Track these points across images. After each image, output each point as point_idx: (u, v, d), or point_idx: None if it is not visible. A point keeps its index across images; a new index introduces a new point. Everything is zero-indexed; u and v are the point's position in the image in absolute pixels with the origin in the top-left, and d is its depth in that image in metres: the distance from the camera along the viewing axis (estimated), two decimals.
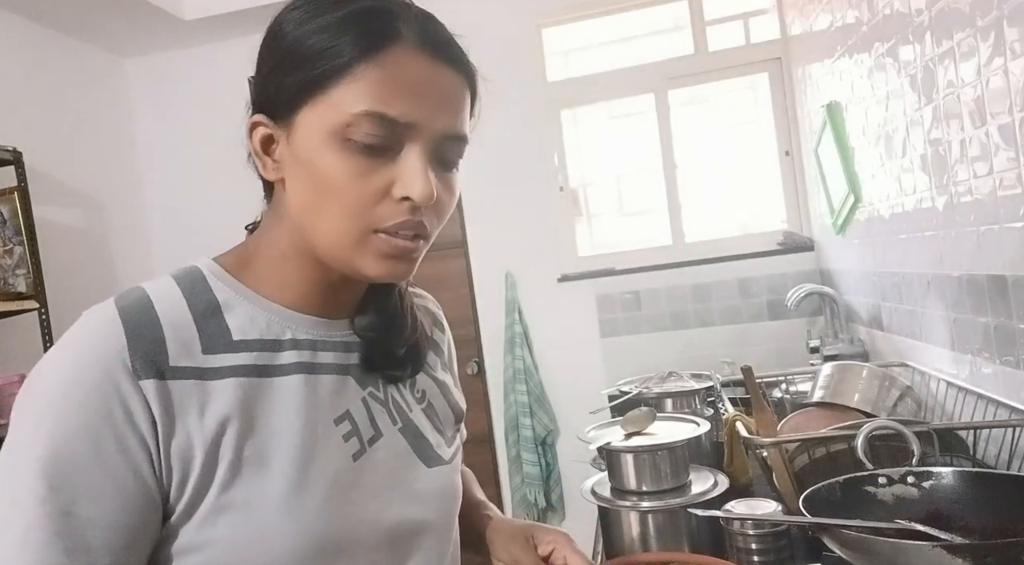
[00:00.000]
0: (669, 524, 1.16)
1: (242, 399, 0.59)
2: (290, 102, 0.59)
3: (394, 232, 0.60)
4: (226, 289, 0.63)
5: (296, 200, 0.61)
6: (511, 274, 2.78)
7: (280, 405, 0.61)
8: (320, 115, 0.58)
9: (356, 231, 0.60)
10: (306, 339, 0.65)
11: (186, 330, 0.59)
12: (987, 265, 1.22)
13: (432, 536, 0.70)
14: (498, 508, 0.89)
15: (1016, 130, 1.07)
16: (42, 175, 2.38)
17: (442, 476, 0.73)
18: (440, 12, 0.66)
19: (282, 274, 0.65)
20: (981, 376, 1.29)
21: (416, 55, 0.59)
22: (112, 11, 2.55)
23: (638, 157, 2.79)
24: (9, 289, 2.13)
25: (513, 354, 2.73)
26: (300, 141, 0.60)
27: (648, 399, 1.68)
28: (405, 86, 0.58)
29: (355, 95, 0.57)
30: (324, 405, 0.64)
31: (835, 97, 1.99)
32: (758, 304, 2.63)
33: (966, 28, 1.17)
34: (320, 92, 0.58)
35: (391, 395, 0.71)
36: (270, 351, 0.63)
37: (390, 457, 0.68)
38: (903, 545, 0.79)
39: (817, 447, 1.15)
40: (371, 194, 0.59)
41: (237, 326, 0.62)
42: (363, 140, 0.58)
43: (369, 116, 0.57)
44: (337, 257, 0.62)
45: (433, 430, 0.74)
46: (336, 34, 0.58)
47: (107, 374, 0.55)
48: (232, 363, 0.60)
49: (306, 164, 0.59)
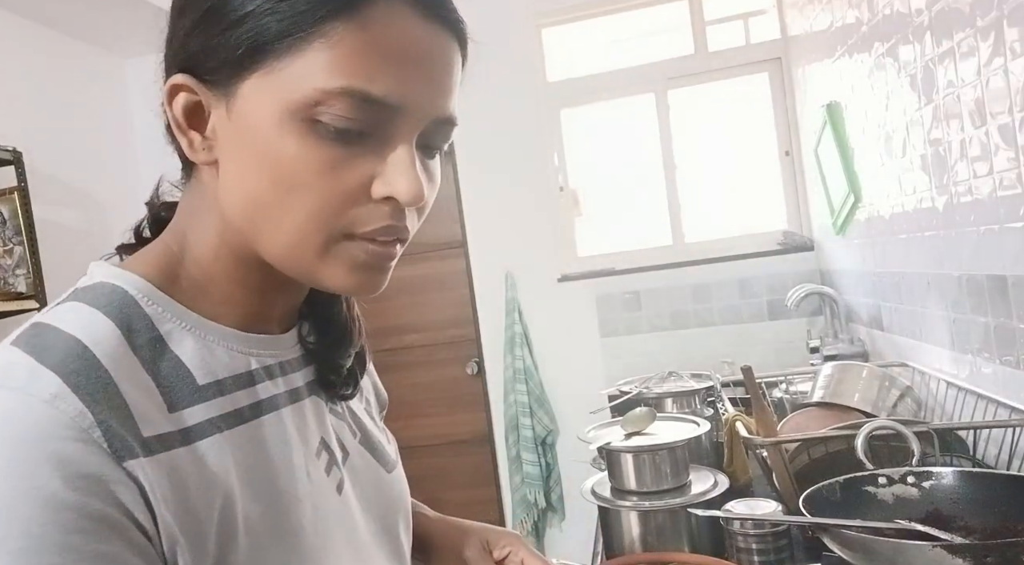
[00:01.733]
0: (669, 524, 1.16)
1: (233, 456, 0.48)
2: (231, 65, 0.46)
3: (371, 238, 0.48)
4: (166, 316, 0.49)
5: (237, 193, 0.48)
6: (511, 274, 2.78)
7: (272, 451, 0.51)
8: (277, 87, 0.45)
9: (323, 237, 0.47)
10: (274, 364, 0.55)
11: (145, 387, 0.45)
12: (987, 265, 1.22)
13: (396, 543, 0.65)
14: (498, 508, 0.87)
15: (1016, 130, 1.07)
16: (42, 175, 2.38)
17: (400, 478, 0.67)
18: None
19: (218, 283, 0.52)
20: (981, 376, 1.29)
21: (406, 13, 0.46)
22: (112, 11, 2.55)
23: (638, 157, 2.79)
24: (9, 289, 2.13)
25: (513, 354, 2.73)
26: (246, 117, 0.46)
27: (648, 399, 1.68)
28: (393, 55, 0.45)
29: (328, 65, 0.44)
30: (307, 439, 0.55)
31: (835, 97, 1.99)
32: (758, 304, 2.63)
33: (966, 28, 1.17)
34: (276, 57, 0.44)
35: (346, 405, 0.64)
36: (243, 388, 0.51)
37: (359, 475, 0.61)
38: (903, 545, 0.79)
39: (817, 447, 1.15)
40: (345, 192, 0.47)
41: (196, 365, 0.49)
42: (336, 124, 0.45)
43: (347, 94, 0.44)
44: (292, 266, 0.49)
45: (377, 429, 0.68)
46: None
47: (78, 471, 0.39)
48: (207, 415, 0.48)
49: (255, 148, 0.46)
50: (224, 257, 0.52)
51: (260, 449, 0.50)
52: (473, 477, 2.88)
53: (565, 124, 2.82)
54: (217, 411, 0.49)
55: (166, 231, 0.54)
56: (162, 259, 0.52)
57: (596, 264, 2.77)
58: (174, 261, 0.52)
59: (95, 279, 0.50)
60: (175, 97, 0.48)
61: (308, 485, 0.53)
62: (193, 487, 0.44)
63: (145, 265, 0.52)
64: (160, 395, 0.46)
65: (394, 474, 0.66)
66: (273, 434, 0.52)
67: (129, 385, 0.44)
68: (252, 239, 0.49)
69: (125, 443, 0.42)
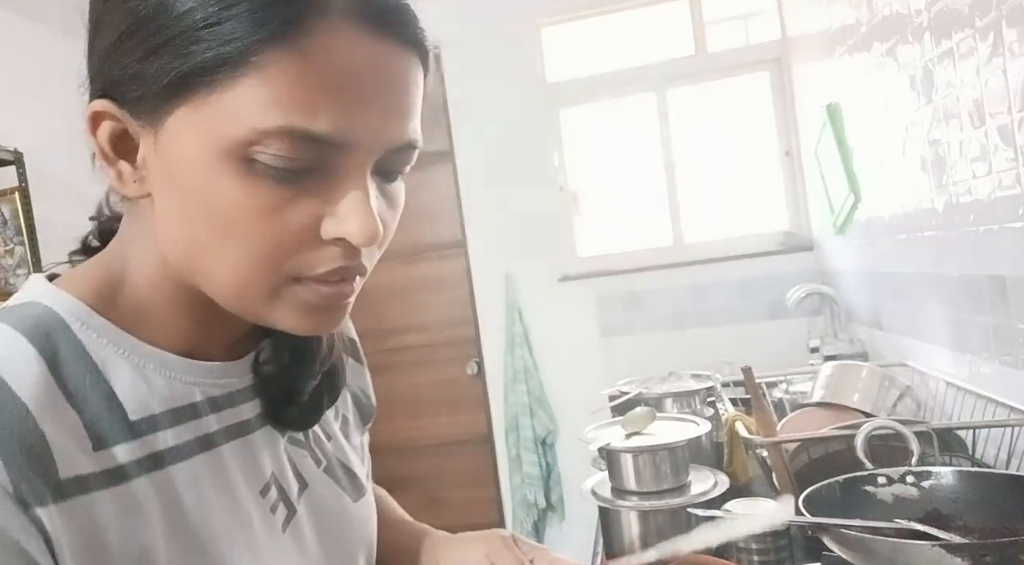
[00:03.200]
0: (669, 524, 1.16)
1: (159, 499, 0.44)
2: (156, 96, 0.41)
3: (322, 281, 0.44)
4: (102, 342, 0.45)
5: (174, 232, 0.44)
6: (511, 274, 2.78)
7: (207, 493, 0.46)
8: (207, 123, 0.40)
9: (268, 282, 0.43)
10: (220, 395, 0.50)
11: (66, 419, 0.41)
12: (986, 265, 1.22)
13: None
14: (498, 508, 0.87)
15: (1015, 130, 1.07)
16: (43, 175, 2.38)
17: (367, 505, 0.63)
18: (440, 12, 0.65)
19: (159, 310, 0.48)
20: (980, 376, 1.29)
21: (352, 34, 0.40)
22: None
23: (638, 157, 2.79)
24: (9, 289, 2.13)
25: (513, 354, 2.73)
26: (175, 152, 0.42)
27: (648, 399, 1.69)
28: (338, 84, 0.40)
29: (263, 101, 0.39)
30: (252, 476, 0.51)
31: (835, 97, 1.99)
32: (758, 304, 2.63)
33: (965, 28, 1.17)
34: (206, 90, 0.40)
35: (311, 430, 0.59)
36: (182, 423, 0.47)
37: (319, 508, 0.56)
38: (902, 545, 0.79)
39: (817, 447, 1.15)
40: (289, 235, 0.42)
41: (130, 398, 0.44)
42: (276, 164, 0.40)
43: (285, 133, 0.39)
44: (239, 308, 0.46)
45: (351, 450, 0.63)
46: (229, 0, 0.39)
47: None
48: (136, 455, 0.43)
49: (186, 187, 0.42)
50: (164, 287, 0.48)
51: (194, 491, 0.46)
52: (473, 477, 2.88)
53: (565, 124, 2.82)
54: (147, 450, 0.44)
55: (107, 250, 0.51)
56: (101, 280, 0.48)
57: (596, 264, 2.77)
58: (113, 282, 0.48)
59: (27, 297, 0.46)
60: (99, 125, 0.45)
61: (246, 527, 0.48)
62: (112, 533, 0.40)
63: (82, 285, 0.47)
64: (86, 431, 0.42)
65: (360, 502, 0.61)
66: (211, 474, 0.47)
67: (50, 422, 0.40)
68: (193, 280, 0.46)
69: (35, 488, 0.38)
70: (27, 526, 0.37)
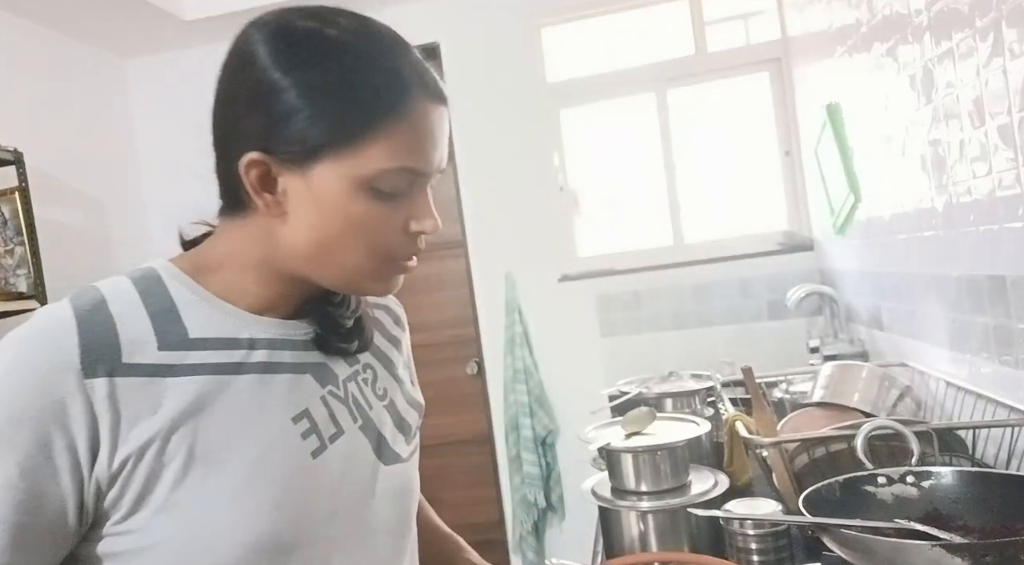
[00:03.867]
0: (669, 524, 1.16)
1: (197, 397, 0.59)
2: (315, 150, 0.60)
3: (406, 259, 0.66)
4: (182, 289, 0.64)
5: (309, 237, 0.63)
6: (511, 274, 2.78)
7: (236, 404, 0.61)
8: (347, 166, 0.60)
9: (376, 264, 0.64)
10: (264, 338, 0.66)
11: (141, 328, 0.59)
12: (986, 265, 1.22)
13: (389, 534, 0.71)
14: (498, 508, 0.90)
15: (1015, 130, 1.07)
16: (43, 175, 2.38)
17: (400, 473, 0.73)
18: (441, 12, 0.67)
19: (244, 283, 0.66)
20: (980, 376, 1.29)
21: (427, 103, 0.62)
22: (112, 11, 2.55)
23: (638, 157, 2.79)
24: (10, 289, 2.13)
25: (513, 354, 2.73)
26: (323, 186, 0.61)
27: (648, 399, 1.69)
28: (423, 137, 0.62)
29: (388, 151, 0.60)
30: (281, 403, 0.64)
31: (835, 97, 1.99)
32: (758, 304, 2.63)
33: (965, 29, 1.17)
34: (352, 145, 0.60)
35: (351, 393, 0.71)
36: (227, 349, 0.63)
37: (350, 454, 0.68)
38: (903, 545, 0.79)
39: (817, 447, 1.15)
40: (394, 233, 0.64)
41: (193, 325, 0.62)
42: (388, 189, 0.62)
43: (399, 171, 0.61)
44: (344, 284, 0.66)
45: (393, 427, 0.75)
46: (367, 90, 0.60)
47: (50, 371, 0.55)
48: (189, 361, 0.60)
49: (330, 207, 0.61)
50: (261, 269, 0.65)
51: (223, 398, 0.61)
52: (473, 477, 2.88)
53: (565, 124, 2.82)
54: (196, 360, 0.61)
55: (202, 247, 0.69)
56: (194, 258, 0.67)
57: (596, 264, 2.77)
58: (206, 261, 0.66)
59: (144, 264, 0.66)
60: (251, 169, 0.61)
61: (275, 438, 0.62)
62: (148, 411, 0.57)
63: (179, 260, 0.67)
64: (155, 336, 0.60)
65: (392, 468, 0.72)
66: (246, 389, 0.62)
67: (128, 325, 0.59)
68: (309, 267, 0.64)
69: (96, 365, 0.56)
70: (80, 391, 0.55)
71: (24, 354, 0.56)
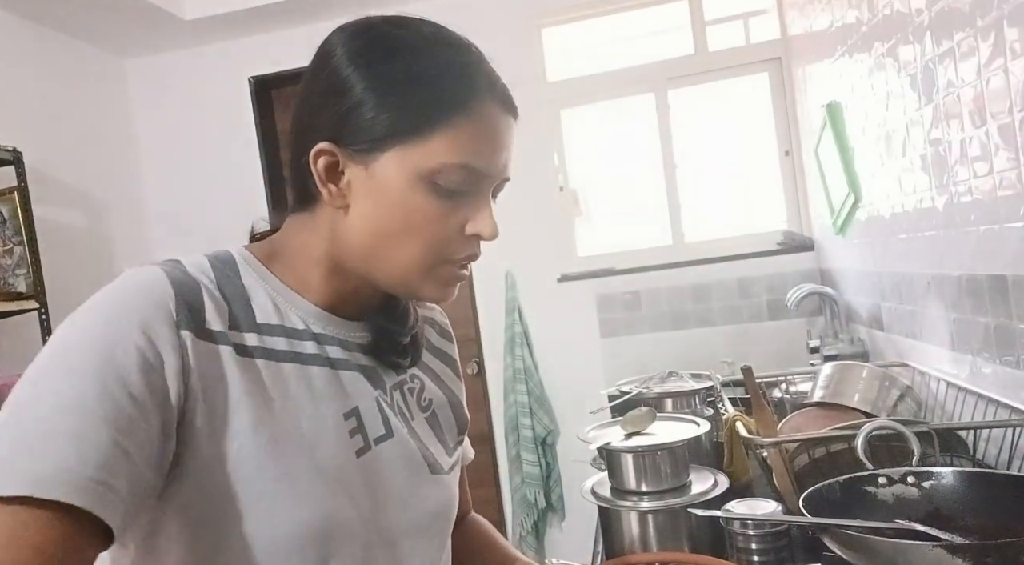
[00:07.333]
0: (669, 524, 1.16)
1: (258, 380, 0.61)
2: (380, 141, 0.61)
3: (460, 263, 0.67)
4: (254, 275, 0.66)
5: (366, 228, 0.64)
6: (511, 274, 2.77)
7: (293, 391, 0.63)
8: (412, 158, 0.61)
9: (430, 262, 0.65)
10: (324, 333, 0.67)
11: (217, 302, 0.61)
12: (987, 265, 1.22)
13: (425, 542, 0.71)
14: (498, 508, 0.90)
15: (1016, 130, 1.07)
16: (42, 175, 2.38)
17: (440, 484, 0.73)
18: (441, 12, 0.67)
19: (308, 276, 0.68)
20: (981, 376, 1.29)
21: (494, 106, 0.64)
22: (112, 11, 2.54)
23: (638, 157, 2.79)
24: (9, 289, 2.13)
25: (513, 354, 2.73)
26: (385, 178, 0.62)
27: (648, 399, 1.69)
28: (488, 138, 0.63)
29: (451, 146, 0.61)
30: (335, 398, 0.66)
31: (835, 97, 1.99)
32: (758, 304, 2.63)
33: (966, 28, 1.17)
34: (417, 137, 0.61)
35: (396, 401, 0.72)
36: (289, 338, 0.64)
37: (394, 458, 0.69)
38: (903, 545, 0.79)
39: (817, 447, 1.15)
40: (450, 232, 0.64)
41: (261, 310, 0.64)
42: (449, 186, 0.62)
43: (461, 167, 0.62)
44: (400, 282, 0.66)
45: (435, 439, 0.76)
46: (434, 85, 0.61)
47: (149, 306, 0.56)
48: (254, 343, 0.62)
49: (389, 199, 0.62)
50: (324, 262, 0.67)
51: (281, 384, 0.62)
52: (473, 477, 2.85)
53: (565, 124, 2.81)
54: (260, 344, 0.62)
55: (275, 237, 0.71)
56: (266, 247, 0.70)
57: (596, 264, 2.77)
58: (277, 251, 0.69)
59: (223, 248, 0.68)
60: (319, 158, 0.62)
61: (328, 430, 0.63)
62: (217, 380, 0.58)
63: (253, 248, 0.70)
64: (229, 314, 0.62)
65: (434, 478, 0.73)
66: (304, 378, 0.64)
67: (208, 297, 0.60)
68: (366, 262, 0.65)
69: (187, 321, 0.57)
70: (175, 342, 0.56)
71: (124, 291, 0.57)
